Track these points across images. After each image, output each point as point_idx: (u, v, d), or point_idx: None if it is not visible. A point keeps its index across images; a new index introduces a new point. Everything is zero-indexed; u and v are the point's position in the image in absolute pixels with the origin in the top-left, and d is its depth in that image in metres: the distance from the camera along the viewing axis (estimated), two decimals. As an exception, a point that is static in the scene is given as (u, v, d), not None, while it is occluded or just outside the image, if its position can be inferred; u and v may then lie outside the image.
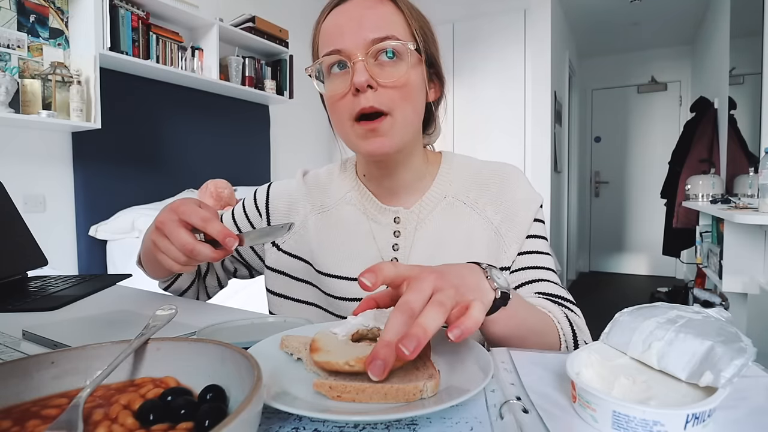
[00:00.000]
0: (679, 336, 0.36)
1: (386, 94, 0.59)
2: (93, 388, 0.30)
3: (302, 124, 3.62)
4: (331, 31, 0.61)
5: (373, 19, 0.59)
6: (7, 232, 0.95)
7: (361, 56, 0.58)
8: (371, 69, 0.58)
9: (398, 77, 0.59)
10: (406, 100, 0.60)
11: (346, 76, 0.59)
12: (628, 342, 0.38)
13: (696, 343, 0.34)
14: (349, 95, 0.59)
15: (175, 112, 2.58)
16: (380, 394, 0.34)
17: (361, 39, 0.58)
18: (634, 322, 0.39)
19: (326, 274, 0.69)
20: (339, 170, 0.76)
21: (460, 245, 0.67)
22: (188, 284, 0.81)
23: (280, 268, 0.73)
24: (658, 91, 5.10)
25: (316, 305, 0.71)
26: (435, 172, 0.72)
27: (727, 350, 0.33)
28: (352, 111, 0.60)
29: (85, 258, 2.19)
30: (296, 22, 3.44)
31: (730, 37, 3.15)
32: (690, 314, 0.39)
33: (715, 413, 0.31)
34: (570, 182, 4.72)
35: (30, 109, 1.95)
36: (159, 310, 0.43)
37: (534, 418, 0.33)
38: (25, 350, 0.50)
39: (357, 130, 0.61)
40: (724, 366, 0.32)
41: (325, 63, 0.61)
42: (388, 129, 0.60)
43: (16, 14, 1.95)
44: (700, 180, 3.03)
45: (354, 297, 0.66)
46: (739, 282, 2.20)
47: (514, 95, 3.53)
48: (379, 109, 0.59)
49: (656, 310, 0.40)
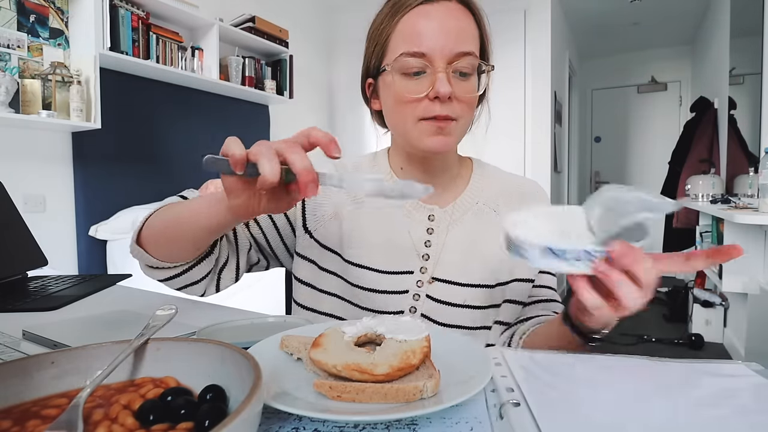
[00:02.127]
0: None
1: (459, 105, 0.64)
2: (93, 388, 0.30)
3: (302, 124, 3.62)
4: (414, 32, 0.62)
5: (459, 31, 0.62)
6: (7, 232, 0.95)
7: (444, 66, 0.61)
8: (452, 81, 0.62)
9: (472, 92, 0.64)
10: (471, 109, 0.67)
11: (424, 80, 0.62)
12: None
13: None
14: (425, 100, 0.62)
15: (175, 112, 2.58)
16: (380, 394, 0.34)
17: (448, 49, 0.61)
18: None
19: (356, 264, 0.69)
20: (369, 164, 0.77)
21: (488, 251, 0.69)
22: (200, 277, 0.67)
23: (310, 256, 0.73)
24: (658, 91, 5.10)
25: (339, 296, 0.71)
26: (467, 175, 0.76)
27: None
28: (424, 114, 0.63)
29: (85, 258, 2.19)
30: (296, 22, 3.44)
31: (730, 37, 3.15)
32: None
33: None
34: (570, 182, 4.72)
35: (30, 109, 1.94)
36: (159, 310, 0.43)
37: (524, 411, 0.33)
38: (25, 350, 0.50)
39: (423, 127, 0.64)
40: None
41: (403, 62, 0.63)
42: (452, 131, 0.65)
43: (16, 14, 1.95)
44: (700, 180, 3.03)
45: (383, 289, 0.67)
46: (739, 282, 2.20)
47: (514, 95, 3.53)
48: (453, 117, 0.63)
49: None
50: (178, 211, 0.59)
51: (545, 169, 3.52)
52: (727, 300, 2.90)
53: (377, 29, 0.67)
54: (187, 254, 0.61)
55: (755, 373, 0.42)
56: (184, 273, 0.64)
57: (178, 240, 0.59)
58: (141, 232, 0.63)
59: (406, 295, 0.67)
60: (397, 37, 0.64)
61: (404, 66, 0.63)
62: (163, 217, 0.61)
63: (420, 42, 0.61)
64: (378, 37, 0.67)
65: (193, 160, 2.68)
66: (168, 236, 0.60)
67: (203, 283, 0.68)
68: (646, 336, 3.09)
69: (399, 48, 0.63)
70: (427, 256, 0.69)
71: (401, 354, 0.37)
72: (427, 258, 0.69)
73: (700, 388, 0.39)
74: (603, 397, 0.37)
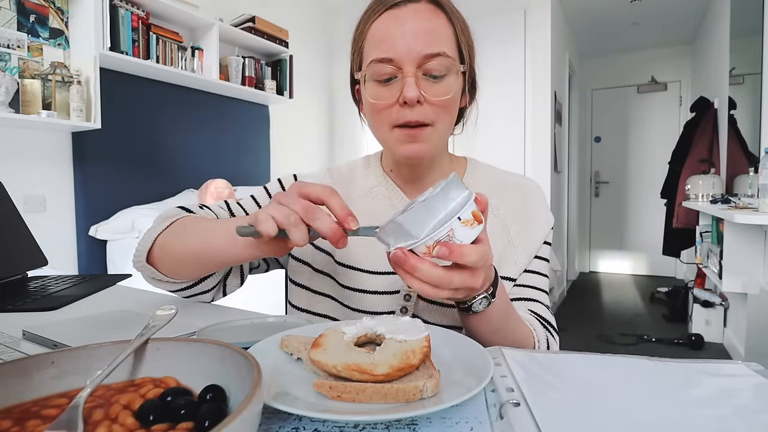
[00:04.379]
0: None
1: (431, 108, 0.61)
2: (93, 388, 0.30)
3: (302, 124, 3.62)
4: (382, 38, 0.61)
5: (428, 33, 0.60)
6: (7, 232, 0.95)
7: (413, 70, 0.59)
8: (421, 84, 0.60)
9: (445, 94, 0.61)
10: (448, 112, 0.63)
11: (394, 86, 0.61)
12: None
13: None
14: (396, 105, 0.61)
15: (175, 112, 2.58)
16: (380, 394, 0.34)
17: (415, 52, 0.59)
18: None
19: (346, 266, 0.69)
20: (362, 166, 0.77)
21: None
22: (212, 286, 0.70)
23: (304, 258, 0.73)
24: (658, 91, 5.10)
25: (332, 297, 0.71)
26: (460, 174, 0.74)
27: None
28: (396, 121, 0.61)
29: (85, 258, 2.19)
30: (296, 22, 3.44)
31: (730, 37, 3.15)
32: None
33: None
34: (570, 182, 4.72)
35: (30, 109, 1.95)
36: (159, 310, 0.43)
37: (524, 411, 0.33)
38: (25, 350, 0.50)
39: (396, 135, 0.62)
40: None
41: (373, 69, 0.62)
42: (427, 137, 0.62)
43: (16, 14, 1.95)
44: (700, 180, 3.03)
45: (373, 290, 0.67)
46: (739, 282, 2.20)
47: (514, 95, 3.53)
48: (424, 122, 0.61)
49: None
50: (199, 245, 0.59)
51: (545, 169, 3.52)
52: (727, 300, 2.90)
53: (354, 36, 0.67)
54: (200, 276, 0.65)
55: (755, 373, 0.42)
56: (194, 286, 0.68)
57: (196, 268, 0.62)
58: (152, 250, 0.65)
59: (397, 295, 0.67)
60: (369, 43, 0.63)
61: (375, 73, 0.61)
62: (180, 246, 0.61)
63: (387, 47, 0.60)
64: (355, 44, 0.66)
65: (193, 160, 2.68)
66: (186, 265, 0.62)
67: (211, 293, 0.71)
68: (646, 336, 3.10)
69: (370, 54, 0.62)
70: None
71: (401, 354, 0.37)
72: None
73: (700, 388, 0.39)
74: (603, 397, 0.37)
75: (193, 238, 0.60)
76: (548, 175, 3.53)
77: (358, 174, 0.76)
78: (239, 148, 2.99)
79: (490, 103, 3.60)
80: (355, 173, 0.77)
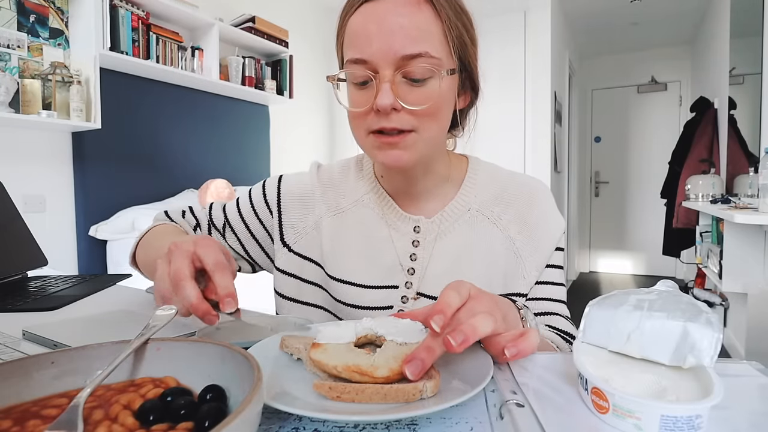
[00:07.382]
0: (648, 323, 0.37)
1: (410, 115, 0.54)
2: (93, 388, 0.30)
3: (302, 124, 3.62)
4: (358, 35, 0.54)
5: (407, 30, 0.52)
6: (7, 232, 0.95)
7: (389, 73, 0.52)
8: (398, 88, 0.53)
9: (425, 101, 0.53)
10: (433, 118, 0.56)
11: (370, 90, 0.54)
12: (606, 336, 0.39)
13: (668, 327, 0.36)
14: (372, 112, 0.54)
15: (175, 112, 2.58)
16: (380, 394, 0.34)
17: (392, 53, 0.52)
18: (604, 316, 0.40)
19: (339, 280, 0.66)
20: (355, 168, 0.72)
21: (479, 263, 0.64)
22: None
23: (290, 270, 0.70)
24: (658, 91, 5.10)
25: (324, 309, 0.69)
26: (459, 178, 0.68)
27: (697, 328, 0.35)
28: (371, 127, 0.55)
29: (85, 258, 2.19)
30: (296, 22, 3.44)
31: (730, 37, 3.14)
32: (647, 296, 0.41)
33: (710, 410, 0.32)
34: (570, 182, 4.72)
35: (30, 109, 1.94)
36: (159, 310, 0.43)
37: (528, 413, 0.33)
38: (25, 350, 0.50)
39: (372, 141, 0.57)
40: (703, 347, 0.34)
41: (348, 70, 0.56)
42: (410, 144, 0.56)
43: (16, 14, 1.95)
44: (700, 180, 3.03)
45: (367, 305, 0.64)
46: (739, 282, 2.20)
47: (514, 95, 3.53)
48: (402, 129, 0.54)
49: (618, 298, 0.41)
50: (150, 262, 0.63)
51: (545, 169, 3.52)
52: (727, 300, 2.90)
53: (336, 31, 0.60)
54: None
55: (759, 373, 0.42)
56: None
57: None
58: (135, 253, 0.72)
59: (390, 311, 0.64)
60: (346, 42, 0.57)
61: (351, 75, 0.55)
62: (143, 256, 0.67)
63: (362, 48, 0.53)
64: (337, 40, 0.60)
65: (193, 160, 2.68)
66: (150, 270, 0.66)
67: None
68: (646, 336, 3.09)
69: (347, 53, 0.56)
70: (412, 270, 0.64)
71: (401, 357, 0.37)
72: (412, 272, 0.64)
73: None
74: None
75: (150, 254, 0.65)
76: (548, 175, 3.53)
77: (351, 178, 0.71)
78: (239, 148, 2.99)
79: (490, 103, 3.60)
80: (347, 177, 0.71)
